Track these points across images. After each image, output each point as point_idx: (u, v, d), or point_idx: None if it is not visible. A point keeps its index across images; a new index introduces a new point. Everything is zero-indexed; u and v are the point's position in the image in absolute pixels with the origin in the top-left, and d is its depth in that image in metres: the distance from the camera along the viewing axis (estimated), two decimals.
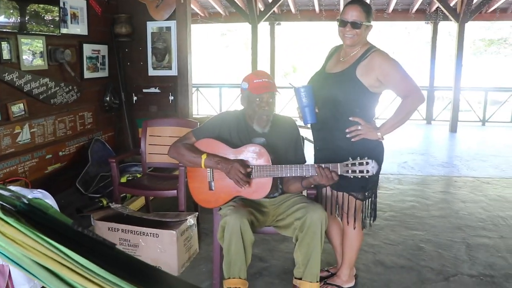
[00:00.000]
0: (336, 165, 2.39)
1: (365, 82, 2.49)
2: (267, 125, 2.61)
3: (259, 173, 2.51)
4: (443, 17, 10.39)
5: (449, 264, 3.30)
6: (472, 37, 20.90)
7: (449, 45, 19.58)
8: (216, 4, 10.75)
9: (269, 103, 2.58)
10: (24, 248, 0.81)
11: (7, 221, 0.82)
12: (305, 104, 2.51)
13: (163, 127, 3.93)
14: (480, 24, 19.71)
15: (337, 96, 2.54)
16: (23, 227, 0.82)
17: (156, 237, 3.03)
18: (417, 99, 2.50)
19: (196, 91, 11.67)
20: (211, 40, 26.84)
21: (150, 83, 5.49)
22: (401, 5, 10.75)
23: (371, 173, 2.35)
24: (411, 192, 5.11)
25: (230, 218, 2.41)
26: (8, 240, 0.82)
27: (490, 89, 11.89)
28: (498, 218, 4.25)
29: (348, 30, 2.49)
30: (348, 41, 2.53)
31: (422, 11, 10.97)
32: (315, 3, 10.64)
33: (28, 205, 0.94)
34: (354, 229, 2.74)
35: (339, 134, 2.57)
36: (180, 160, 2.70)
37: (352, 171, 2.36)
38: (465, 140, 8.94)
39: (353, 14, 2.47)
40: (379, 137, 2.54)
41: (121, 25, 5.23)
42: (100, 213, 3.34)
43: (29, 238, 0.81)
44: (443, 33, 13.27)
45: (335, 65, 2.67)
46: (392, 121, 2.54)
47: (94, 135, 5.00)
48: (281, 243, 3.58)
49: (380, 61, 2.48)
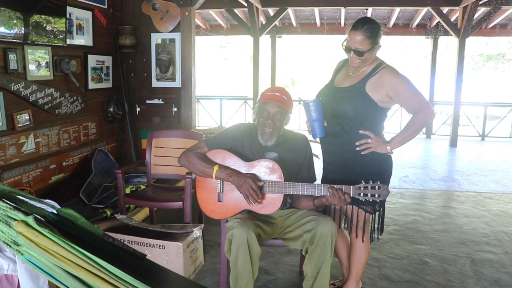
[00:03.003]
0: (349, 187, 2.39)
1: (375, 97, 2.51)
2: (270, 139, 2.60)
3: (270, 189, 2.51)
4: (443, 32, 10.48)
5: (455, 279, 3.29)
6: (471, 52, 21.06)
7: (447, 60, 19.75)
8: (218, 17, 10.82)
9: (275, 118, 2.57)
10: (57, 258, 0.81)
11: (41, 232, 0.83)
12: (314, 118, 2.52)
13: (168, 138, 3.94)
14: (479, 40, 19.92)
15: (347, 110, 2.55)
16: (56, 237, 0.82)
17: (162, 249, 3.02)
18: (428, 115, 2.52)
19: (197, 103, 11.70)
20: (210, 52, 26.98)
21: (153, 95, 5.52)
22: (402, 20, 10.85)
23: (383, 198, 2.36)
24: (413, 206, 5.10)
25: (237, 231, 2.41)
26: (41, 250, 0.82)
27: (489, 104, 11.95)
28: (502, 234, 4.25)
29: (352, 57, 2.52)
30: (354, 65, 2.56)
31: (422, 26, 11.09)
32: (316, 17, 10.72)
33: (58, 216, 0.94)
34: (363, 242, 2.74)
35: (348, 147, 2.58)
36: (191, 169, 2.68)
37: (364, 194, 2.36)
38: (465, 155, 8.96)
39: (356, 42, 2.46)
40: (388, 151, 2.56)
41: (125, 37, 5.27)
42: (106, 224, 3.32)
43: (62, 248, 0.81)
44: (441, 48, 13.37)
45: (344, 79, 2.68)
46: (401, 135, 2.57)
47: (98, 145, 5.01)
48: (286, 256, 3.57)
49: (390, 78, 2.49)
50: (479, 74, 23.16)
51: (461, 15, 9.05)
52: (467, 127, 11.90)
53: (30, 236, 0.80)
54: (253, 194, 2.46)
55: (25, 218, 0.82)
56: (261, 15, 10.11)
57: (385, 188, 2.35)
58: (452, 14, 9.92)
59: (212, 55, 27.61)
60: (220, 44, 27.09)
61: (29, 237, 0.81)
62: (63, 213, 0.96)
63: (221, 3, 9.29)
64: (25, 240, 0.81)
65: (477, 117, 12.81)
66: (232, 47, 27.43)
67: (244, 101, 12.11)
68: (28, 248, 0.82)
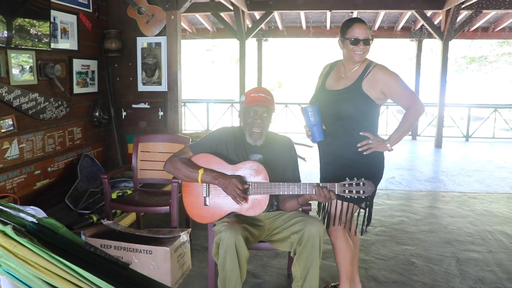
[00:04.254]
0: (333, 185, 2.42)
1: (372, 95, 2.61)
2: (259, 138, 2.63)
3: (256, 190, 2.52)
4: (427, 35, 10.62)
5: (441, 278, 3.32)
6: (454, 55, 21.29)
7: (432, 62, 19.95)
8: (204, 21, 10.82)
9: (262, 117, 2.61)
10: (36, 269, 0.80)
11: (20, 242, 0.81)
12: (313, 123, 2.60)
13: (154, 143, 3.92)
14: (462, 42, 20.14)
15: (348, 111, 2.63)
16: (36, 247, 0.81)
17: (149, 254, 3.00)
18: (419, 109, 2.65)
19: (183, 106, 11.67)
20: (197, 55, 26.94)
21: (139, 99, 5.49)
22: (387, 23, 10.96)
23: (367, 194, 2.40)
24: (399, 207, 5.14)
25: (225, 235, 2.40)
26: (20, 261, 0.81)
27: (473, 105, 12.12)
28: (486, 233, 4.30)
29: (361, 48, 2.61)
30: (358, 57, 2.65)
31: (407, 29, 11.23)
32: (302, 20, 10.77)
33: (38, 225, 0.93)
34: (355, 235, 2.86)
35: (350, 148, 2.65)
36: (176, 174, 2.68)
37: (349, 191, 2.39)
38: (450, 156, 9.06)
39: (364, 32, 2.61)
40: (388, 148, 2.66)
41: (111, 41, 5.24)
42: (92, 229, 3.29)
43: (42, 259, 0.80)
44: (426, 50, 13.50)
45: (336, 81, 2.75)
46: (398, 132, 2.69)
47: (83, 150, 4.96)
48: (274, 259, 3.56)
49: (383, 74, 2.62)
50: (463, 76, 23.42)
51: (444, 19, 9.17)
52: (451, 128, 12.03)
53: (8, 247, 0.79)
54: (240, 194, 2.47)
55: (3, 228, 0.80)
56: (247, 19, 10.13)
57: (370, 184, 2.39)
58: (436, 17, 10.05)
59: (198, 59, 27.57)
60: (206, 47, 27.05)
61: (7, 247, 0.79)
62: (43, 223, 0.94)
63: (207, 7, 9.30)
64: (3, 250, 0.79)
65: (461, 118, 12.96)
66: (218, 50, 27.40)
67: (231, 105, 12.11)
68: (6, 259, 0.80)
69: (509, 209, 5.08)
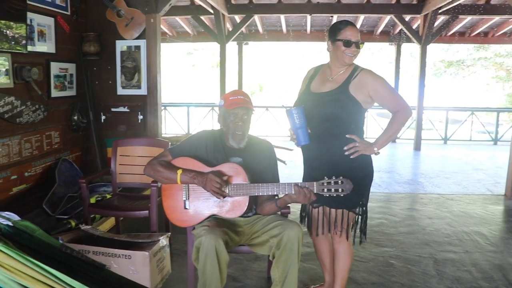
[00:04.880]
0: (312, 184, 2.44)
1: (359, 98, 2.60)
2: (242, 140, 2.64)
3: (235, 192, 2.52)
4: (406, 39, 10.78)
5: (419, 279, 3.37)
6: (433, 59, 21.63)
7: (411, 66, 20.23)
8: (184, 24, 10.80)
9: (243, 119, 2.62)
10: (12, 272, 0.79)
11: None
12: (298, 125, 2.56)
13: (133, 147, 3.89)
14: (440, 46, 20.48)
15: (335, 113, 2.61)
16: (11, 250, 0.80)
17: (128, 259, 2.97)
18: (406, 113, 2.66)
19: (164, 110, 11.62)
20: (177, 59, 26.83)
21: (119, 102, 5.45)
22: (366, 27, 11.09)
23: (346, 192, 2.40)
24: (379, 209, 5.19)
25: (205, 239, 2.39)
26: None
27: (451, 108, 12.35)
28: (463, 233, 4.37)
29: (353, 50, 2.62)
30: (349, 60, 2.65)
31: (386, 33, 11.38)
32: (283, 24, 10.83)
33: (14, 228, 0.92)
34: (351, 245, 2.82)
35: (337, 151, 2.63)
36: (156, 177, 2.68)
37: (328, 190, 2.40)
38: (429, 158, 9.21)
39: (356, 35, 2.62)
40: (375, 151, 2.65)
41: (89, 44, 5.19)
42: (70, 235, 3.25)
43: (17, 262, 0.79)
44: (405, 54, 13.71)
45: (322, 84, 2.73)
46: (385, 135, 2.69)
47: (61, 155, 4.90)
48: (254, 262, 3.57)
49: (370, 79, 2.62)
50: (441, 79, 23.80)
51: (422, 23, 9.34)
52: (430, 131, 12.21)
53: None
54: (219, 188, 2.47)
55: None
56: (227, 22, 10.14)
57: (348, 182, 2.40)
58: (414, 22, 10.22)
59: (179, 62, 27.45)
60: (187, 51, 26.94)
61: None
62: (19, 225, 0.93)
63: (187, 10, 9.29)
64: None
65: (440, 121, 13.17)
66: (199, 54, 27.32)
67: (211, 108, 12.10)
68: None
69: (485, 210, 5.18)
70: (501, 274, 3.47)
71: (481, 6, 8.97)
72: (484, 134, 12.32)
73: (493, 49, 20.60)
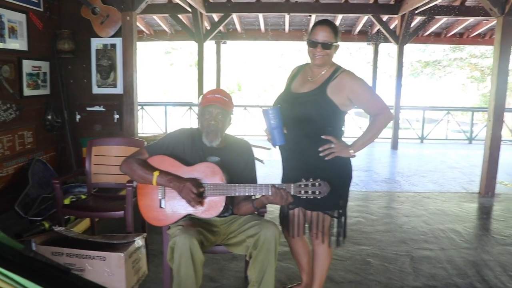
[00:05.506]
0: (289, 185, 2.41)
1: (336, 101, 2.53)
2: (214, 139, 2.60)
3: (212, 192, 2.48)
4: (383, 39, 10.88)
5: (395, 277, 3.39)
6: (410, 59, 21.89)
7: (388, 66, 20.46)
8: (162, 22, 10.69)
9: (217, 118, 2.59)
10: None
11: None
12: (274, 126, 2.51)
13: (108, 146, 3.82)
14: (417, 47, 20.77)
15: (310, 115, 2.54)
16: None
17: (103, 260, 2.91)
18: (387, 117, 2.60)
19: (141, 109, 11.50)
20: (155, 57, 26.64)
21: (94, 101, 5.36)
22: (344, 27, 11.16)
23: (323, 195, 2.37)
24: (356, 208, 5.22)
25: (180, 239, 2.35)
26: None
27: (427, 108, 12.54)
28: (438, 231, 4.43)
29: (319, 51, 2.54)
30: (318, 61, 2.58)
31: (364, 33, 11.48)
32: (261, 23, 10.82)
33: None
34: (329, 247, 2.77)
35: (313, 152, 2.57)
36: (132, 175, 2.62)
37: (305, 192, 2.38)
38: (406, 157, 9.32)
39: (323, 35, 2.52)
40: (351, 154, 2.59)
41: (63, 41, 5.09)
42: (42, 237, 3.17)
43: None
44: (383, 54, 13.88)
45: (302, 85, 2.68)
46: (363, 138, 2.63)
47: (35, 155, 4.79)
48: (231, 262, 3.54)
49: (350, 81, 2.55)
50: (418, 79, 24.13)
51: (400, 23, 9.45)
52: (407, 130, 12.36)
53: None
54: (194, 198, 2.43)
55: None
56: (205, 21, 10.09)
57: (326, 185, 2.36)
58: (391, 22, 10.32)
59: (157, 61, 27.24)
60: (165, 50, 26.74)
61: None
62: None
63: (165, 8, 9.20)
64: None
65: (417, 120, 13.35)
66: (177, 52, 27.14)
67: (189, 107, 12.02)
68: None
69: (460, 208, 5.26)
70: (475, 270, 3.52)
71: (456, 7, 9.12)
72: (459, 133, 12.53)
73: (468, 50, 20.97)
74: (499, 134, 5.83)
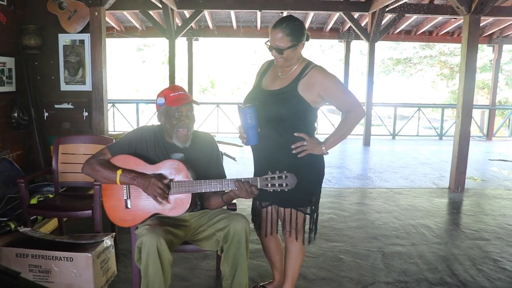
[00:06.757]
0: (255, 179, 2.38)
1: (307, 98, 2.49)
2: (188, 139, 2.55)
3: (178, 189, 2.44)
4: (355, 36, 10.98)
5: (367, 273, 3.41)
6: (382, 56, 22.12)
7: (360, 63, 20.66)
8: (132, 18, 10.53)
9: (188, 116, 2.54)
10: None
11: None
12: (250, 125, 2.44)
13: (76, 144, 3.74)
14: (388, 44, 20.99)
15: (281, 113, 2.50)
16: None
17: (70, 261, 2.84)
18: (359, 113, 2.56)
19: (112, 107, 11.31)
20: (127, 55, 26.27)
21: (62, 99, 5.24)
22: (315, 24, 11.22)
23: (290, 187, 2.35)
24: (329, 204, 5.24)
25: (146, 238, 2.30)
26: None
27: (399, 104, 12.70)
28: (410, 227, 4.48)
29: (274, 54, 2.51)
30: (279, 64, 2.54)
31: (335, 30, 11.55)
32: (233, 20, 10.78)
33: None
34: (303, 244, 2.75)
35: (284, 150, 2.54)
36: (95, 176, 2.56)
37: (272, 185, 2.35)
38: (378, 153, 9.43)
39: (275, 39, 2.45)
40: (323, 151, 2.56)
41: (29, 37, 4.95)
42: (7, 238, 3.07)
43: None
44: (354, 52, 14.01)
45: (272, 81, 2.63)
46: (335, 135, 2.60)
47: (1, 154, 4.65)
48: (203, 261, 3.50)
49: (321, 77, 2.49)
50: (390, 76, 24.41)
51: (370, 21, 9.55)
52: (379, 126, 12.52)
53: None
54: (161, 193, 2.39)
55: None
56: (176, 17, 9.99)
57: (293, 177, 2.34)
58: (363, 20, 10.42)
59: (129, 58, 26.87)
60: (137, 46, 26.36)
61: None
62: None
63: (135, 4, 9.05)
64: None
65: (389, 117, 13.54)
66: (150, 49, 26.78)
67: None
68: None
69: (431, 203, 5.35)
70: (445, 265, 3.58)
71: (425, 5, 9.26)
72: (430, 130, 12.77)
73: (438, 48, 21.28)
74: (468, 130, 5.94)
